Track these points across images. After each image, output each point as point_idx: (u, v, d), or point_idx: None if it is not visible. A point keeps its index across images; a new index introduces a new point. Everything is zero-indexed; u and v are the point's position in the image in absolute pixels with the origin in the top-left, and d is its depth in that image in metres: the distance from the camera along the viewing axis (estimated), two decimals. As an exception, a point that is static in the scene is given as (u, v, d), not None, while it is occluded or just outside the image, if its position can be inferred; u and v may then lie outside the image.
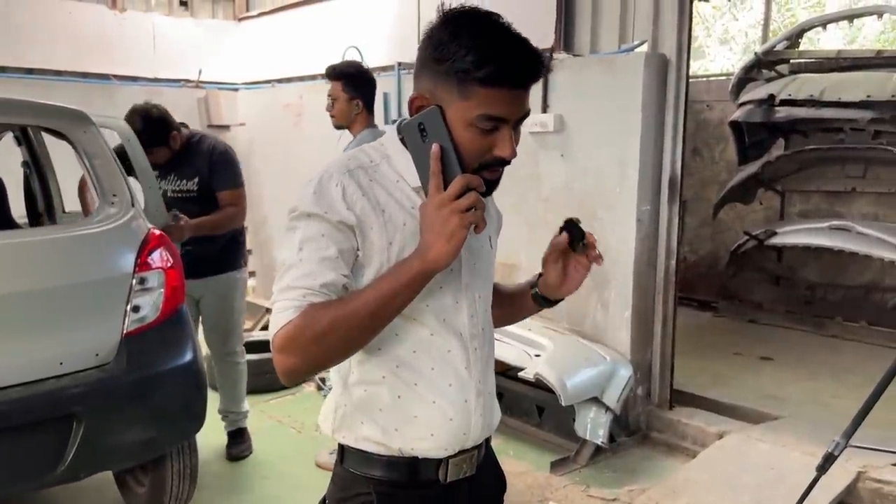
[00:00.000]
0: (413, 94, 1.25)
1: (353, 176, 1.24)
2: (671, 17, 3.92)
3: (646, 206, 4.00)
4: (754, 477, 3.41)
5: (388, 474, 1.32)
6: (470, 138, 1.20)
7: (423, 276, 1.18)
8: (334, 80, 3.35)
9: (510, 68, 1.17)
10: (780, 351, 5.63)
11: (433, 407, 1.30)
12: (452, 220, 1.14)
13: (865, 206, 6.43)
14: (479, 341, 1.35)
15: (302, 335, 1.15)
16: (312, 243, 1.20)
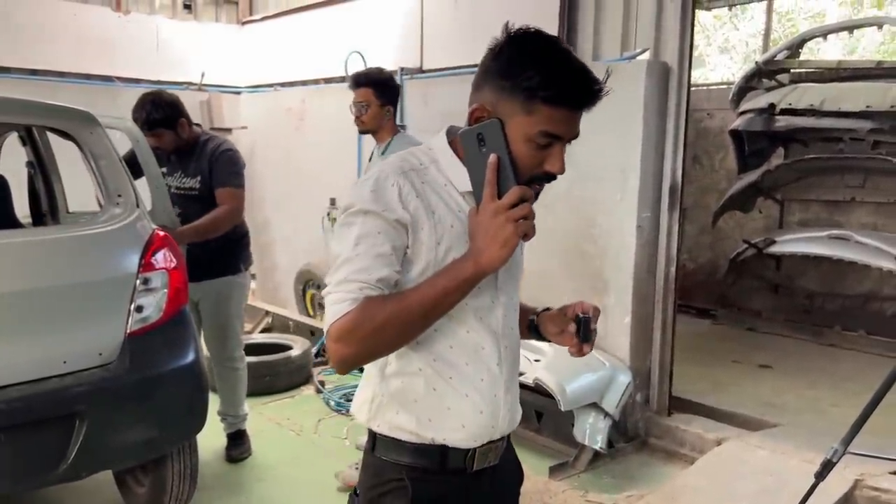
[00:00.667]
0: (474, 105, 1.31)
1: (408, 177, 1.32)
2: (673, 25, 3.94)
3: (646, 213, 4.02)
4: (752, 484, 3.42)
5: (419, 461, 1.40)
6: (526, 152, 1.28)
7: (476, 277, 1.26)
8: (365, 86, 3.35)
9: (574, 90, 1.26)
10: (779, 359, 5.65)
11: (466, 400, 1.38)
12: (508, 227, 1.22)
13: (865, 216, 6.46)
14: (508, 340, 1.44)
15: (360, 327, 1.23)
16: (369, 239, 1.27)
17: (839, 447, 2.55)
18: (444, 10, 5.23)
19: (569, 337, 1.47)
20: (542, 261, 4.19)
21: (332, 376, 5.12)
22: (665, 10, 4.00)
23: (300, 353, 5.03)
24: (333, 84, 6.15)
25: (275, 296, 6.86)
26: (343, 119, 5.86)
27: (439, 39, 5.29)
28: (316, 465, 3.85)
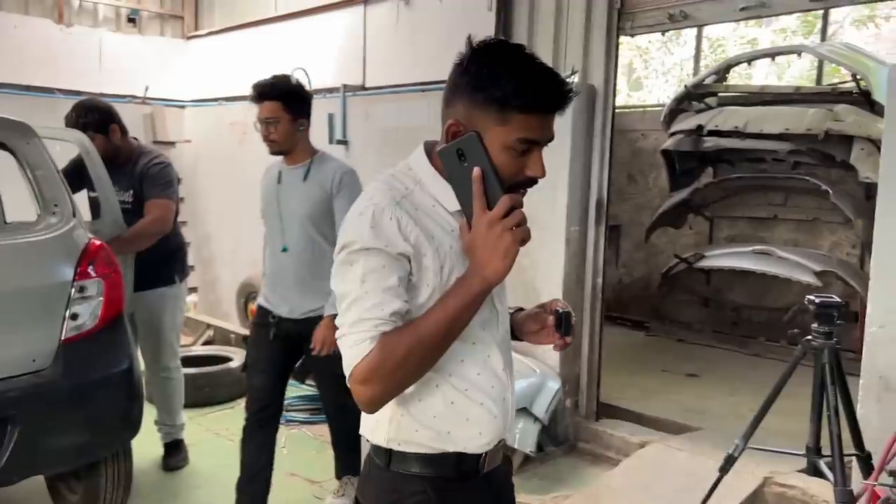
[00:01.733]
0: (449, 121, 1.32)
1: (403, 207, 1.31)
2: (599, 50, 4.17)
3: (575, 227, 4.22)
4: (671, 483, 3.61)
5: (436, 471, 1.42)
6: (507, 161, 1.30)
7: (484, 292, 1.29)
8: (272, 100, 2.99)
9: (546, 95, 1.29)
10: (706, 368, 5.91)
11: (481, 408, 1.41)
12: (506, 237, 1.24)
13: (787, 233, 6.82)
14: (506, 344, 1.49)
15: (383, 365, 1.24)
16: (374, 274, 1.27)
17: (740, 442, 2.78)
18: (385, 29, 5.38)
19: (548, 333, 1.52)
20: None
21: (273, 387, 5.17)
22: (592, 36, 4.22)
23: (240, 365, 5.06)
24: (277, 100, 6.22)
25: (217, 309, 6.88)
26: (286, 134, 5.97)
27: (381, 58, 5.44)
28: (253, 473, 3.91)
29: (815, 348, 2.64)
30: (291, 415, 4.67)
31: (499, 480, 1.53)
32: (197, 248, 7.13)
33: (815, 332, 2.66)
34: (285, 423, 4.57)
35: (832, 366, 2.58)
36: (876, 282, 3.15)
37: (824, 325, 2.62)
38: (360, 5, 5.56)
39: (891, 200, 3.08)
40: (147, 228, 3.53)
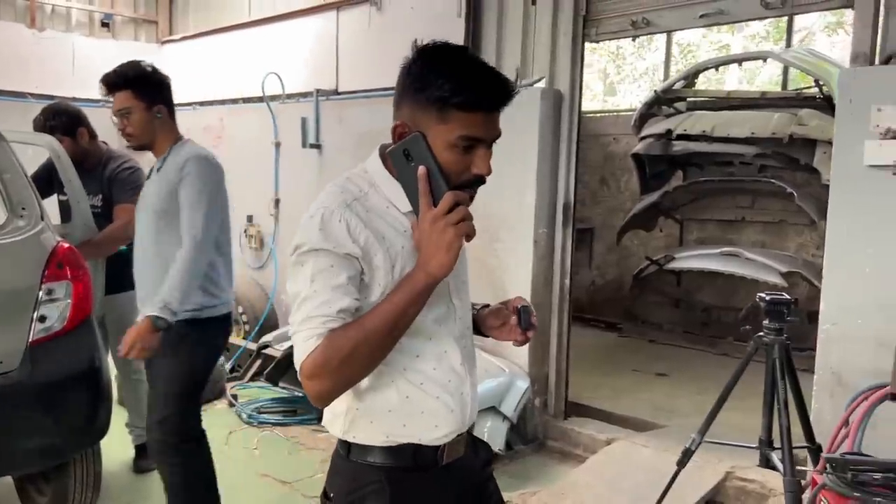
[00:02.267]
0: (395, 123, 1.37)
1: (353, 209, 1.35)
2: (565, 56, 4.26)
3: (542, 229, 4.30)
4: (635, 478, 3.69)
5: (394, 461, 1.45)
6: (451, 159, 1.33)
7: (429, 286, 1.32)
8: (123, 89, 2.77)
9: (484, 94, 1.33)
10: (675, 368, 6.02)
11: (437, 402, 1.45)
12: (448, 232, 1.27)
13: (754, 235, 6.95)
14: (466, 340, 1.52)
15: (330, 360, 1.28)
16: (323, 274, 1.32)
17: (696, 437, 2.86)
18: (358, 34, 5.44)
19: (510, 328, 1.55)
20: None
21: (245, 390, 5.21)
22: (558, 42, 4.30)
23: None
24: (251, 104, 6.27)
25: (192, 313, 6.87)
26: (261, 138, 6.04)
27: (354, 63, 5.50)
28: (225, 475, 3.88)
29: (766, 344, 2.73)
30: (264, 416, 4.71)
31: (463, 472, 1.55)
32: (171, 252, 7.14)
33: (766, 329, 2.74)
34: (258, 425, 4.61)
35: (782, 361, 2.67)
36: (828, 281, 3.27)
37: (775, 321, 2.70)
38: (332, 10, 5.62)
39: (842, 202, 3.19)
40: (116, 233, 3.54)
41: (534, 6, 4.33)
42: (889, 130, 2.99)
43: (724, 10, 3.67)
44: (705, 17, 3.75)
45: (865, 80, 3.12)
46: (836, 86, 5.30)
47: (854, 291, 3.15)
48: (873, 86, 3.06)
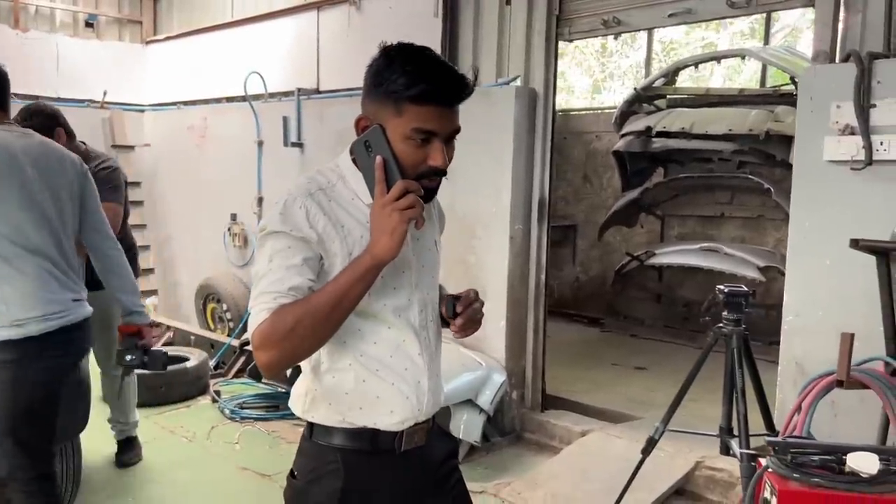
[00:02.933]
0: (358, 117, 1.45)
1: (315, 198, 1.43)
2: (539, 55, 4.33)
3: (518, 225, 4.37)
4: (607, 469, 3.77)
5: (352, 444, 1.53)
6: (407, 150, 1.40)
7: (374, 268, 1.38)
8: None
9: (436, 88, 1.38)
10: (655, 362, 6.10)
11: (392, 388, 1.51)
12: (394, 217, 1.34)
13: (734, 230, 7.04)
14: (427, 332, 1.57)
15: (275, 331, 1.34)
16: (280, 254, 1.40)
17: (660, 426, 2.94)
18: (338, 34, 5.51)
19: (454, 323, 1.58)
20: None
21: (228, 386, 5.27)
22: (533, 41, 4.38)
23: (196, 365, 5.15)
24: (234, 103, 6.33)
25: (178, 311, 6.94)
26: (244, 137, 6.10)
27: (334, 62, 5.57)
28: (206, 468, 4.01)
29: (725, 335, 2.81)
30: (246, 412, 4.77)
31: (423, 461, 1.61)
32: (158, 250, 7.20)
33: (725, 320, 2.82)
34: (240, 420, 4.68)
35: (740, 350, 2.75)
36: (791, 273, 3.35)
37: (733, 312, 2.79)
38: (313, 10, 5.69)
39: (803, 196, 3.28)
40: None
41: (508, 6, 4.41)
42: (847, 127, 3.07)
43: (691, 9, 3.75)
44: (674, 17, 3.83)
45: (825, 77, 3.20)
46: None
47: (816, 284, 3.23)
48: (833, 83, 3.14)
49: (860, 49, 3.11)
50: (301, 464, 1.59)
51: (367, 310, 1.48)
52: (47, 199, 2.52)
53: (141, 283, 6.65)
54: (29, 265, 2.45)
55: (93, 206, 2.77)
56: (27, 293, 2.44)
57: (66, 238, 2.61)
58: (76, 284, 2.64)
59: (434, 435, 1.66)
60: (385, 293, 1.50)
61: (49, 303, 2.48)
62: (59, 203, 2.57)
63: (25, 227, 2.45)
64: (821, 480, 1.84)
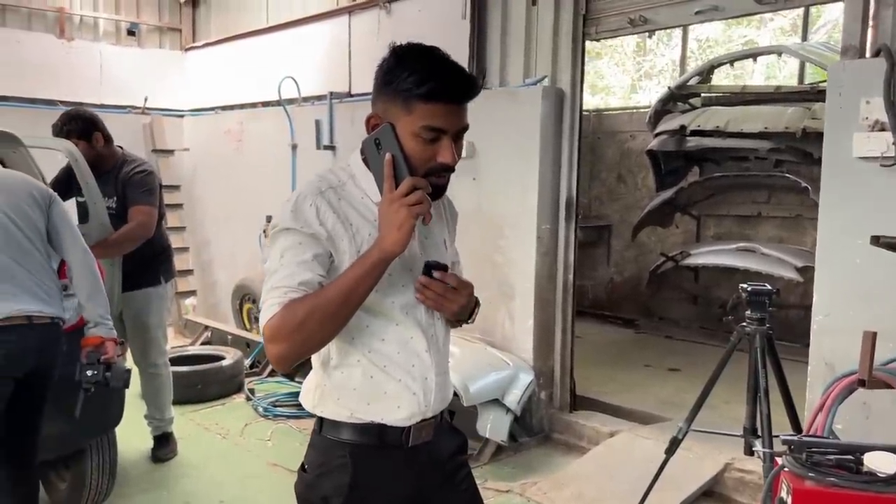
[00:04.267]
0: (368, 115, 1.49)
1: (325, 196, 1.46)
2: (566, 55, 4.33)
3: (545, 225, 4.37)
4: (634, 469, 3.74)
5: (360, 439, 1.55)
6: (416, 148, 1.43)
7: (382, 262, 1.40)
8: None
9: (445, 86, 1.41)
10: (688, 363, 6.02)
11: (400, 384, 1.53)
12: (402, 212, 1.37)
13: (771, 230, 6.92)
14: (435, 329, 1.59)
15: (286, 325, 1.38)
16: (291, 250, 1.43)
17: (683, 425, 2.91)
18: (368, 37, 5.58)
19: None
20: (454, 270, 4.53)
21: (263, 385, 5.37)
22: (560, 41, 4.38)
23: (231, 364, 5.26)
24: (270, 107, 6.45)
25: (216, 311, 7.08)
26: (278, 140, 6.20)
27: (365, 66, 5.63)
28: (238, 464, 4.10)
29: (749, 334, 2.77)
30: (279, 409, 4.85)
31: (430, 456, 1.62)
32: (196, 252, 7.36)
33: (748, 319, 2.79)
34: (273, 418, 4.77)
35: (763, 350, 2.71)
36: (820, 273, 3.30)
37: (756, 311, 2.75)
38: (344, 15, 5.77)
39: (832, 194, 3.23)
40: (131, 233, 3.71)
41: (535, 6, 4.41)
42: (877, 122, 3.01)
43: (718, 6, 3.71)
44: (701, 14, 3.79)
45: (855, 73, 3.14)
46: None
47: (845, 283, 3.18)
48: (862, 79, 3.09)
49: (890, 44, 3.05)
50: (311, 457, 1.61)
51: (376, 307, 1.50)
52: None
53: (180, 283, 6.91)
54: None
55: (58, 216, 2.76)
56: None
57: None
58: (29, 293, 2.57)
59: (442, 430, 1.67)
60: (393, 290, 1.52)
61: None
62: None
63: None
64: (837, 480, 1.81)
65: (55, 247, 2.73)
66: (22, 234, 2.58)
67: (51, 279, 2.67)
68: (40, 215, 2.67)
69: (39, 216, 2.67)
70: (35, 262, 2.60)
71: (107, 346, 2.74)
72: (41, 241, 2.66)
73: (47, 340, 2.60)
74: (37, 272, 2.60)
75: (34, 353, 2.56)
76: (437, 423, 1.64)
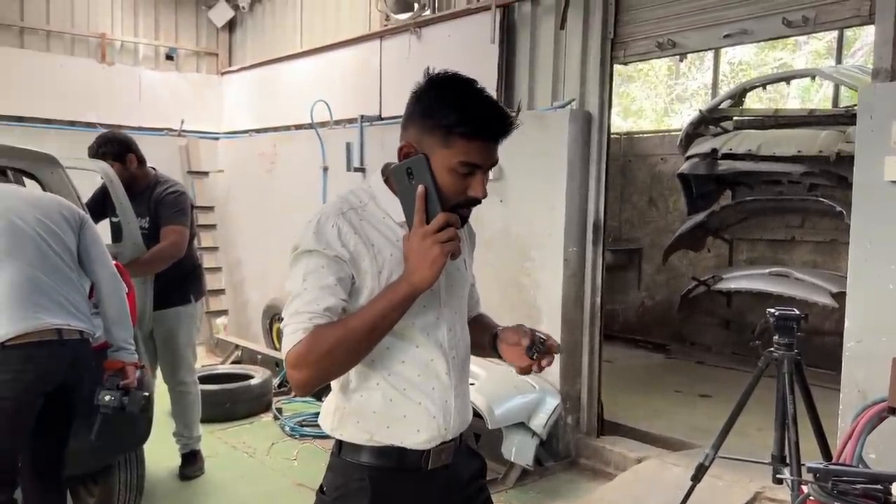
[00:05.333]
0: (402, 143, 1.49)
1: (346, 217, 1.48)
2: (594, 79, 4.34)
3: (572, 248, 4.36)
4: (661, 496, 3.68)
5: (379, 461, 1.55)
6: (450, 181, 1.45)
7: (411, 296, 1.43)
8: None
9: (486, 125, 1.45)
10: (720, 389, 5.92)
11: (419, 407, 1.53)
12: (434, 249, 1.39)
13: (805, 255, 6.81)
14: (456, 351, 1.59)
15: (312, 352, 1.39)
16: (314, 274, 1.44)
17: (710, 452, 2.87)
18: (399, 62, 5.66)
19: (520, 353, 1.59)
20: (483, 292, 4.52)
21: (290, 404, 5.40)
22: (588, 65, 4.39)
23: (260, 383, 5.30)
24: (302, 130, 6.55)
25: (247, 331, 7.16)
26: (310, 162, 6.30)
27: (395, 89, 5.70)
28: (264, 483, 4.13)
29: (776, 359, 2.73)
30: (306, 429, 4.87)
31: (449, 480, 1.63)
32: (229, 271, 7.47)
33: (776, 344, 2.75)
34: (299, 437, 4.79)
35: (791, 375, 2.67)
36: (852, 298, 3.24)
37: (784, 336, 2.71)
38: (376, 40, 5.86)
39: (864, 218, 3.17)
40: (163, 252, 3.79)
41: (563, 30, 4.43)
42: (910, 146, 2.97)
43: (747, 29, 3.70)
44: (729, 38, 3.78)
45: (886, 95, 3.11)
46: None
47: (878, 309, 3.12)
48: (894, 101, 3.05)
49: (923, 66, 3.01)
50: (330, 480, 1.62)
51: (397, 329, 1.50)
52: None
53: (212, 302, 7.00)
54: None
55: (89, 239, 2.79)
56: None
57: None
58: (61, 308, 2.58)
59: (461, 453, 1.67)
60: (413, 312, 1.51)
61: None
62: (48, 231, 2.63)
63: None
64: (863, 509, 1.77)
65: (85, 268, 2.76)
66: (52, 251, 2.62)
67: (80, 294, 2.70)
68: (72, 236, 2.72)
69: (71, 236, 2.72)
70: (64, 278, 2.64)
71: (128, 370, 2.76)
72: (72, 260, 2.70)
73: (77, 356, 2.62)
74: (66, 287, 2.63)
75: (64, 369, 2.58)
76: (457, 445, 1.64)
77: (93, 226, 2.84)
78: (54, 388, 2.56)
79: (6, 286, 2.48)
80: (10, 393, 2.44)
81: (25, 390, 2.47)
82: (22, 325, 2.46)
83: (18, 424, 2.49)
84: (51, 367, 2.54)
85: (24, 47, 6.72)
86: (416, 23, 5.47)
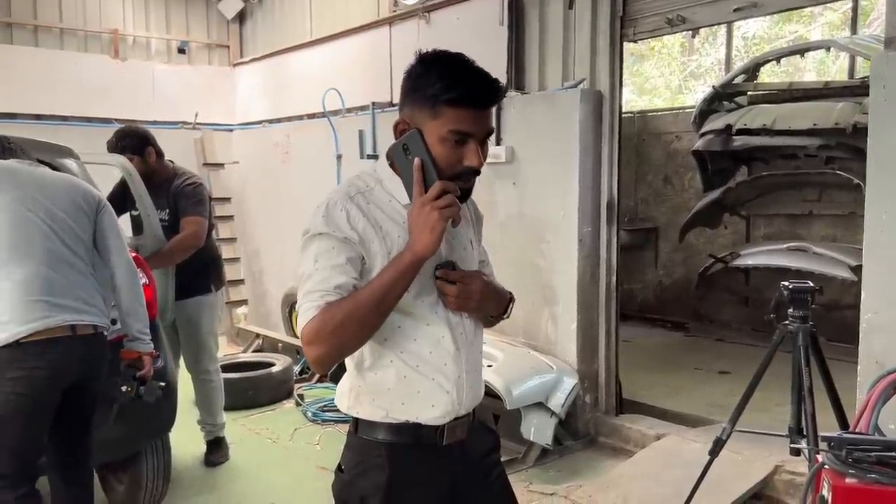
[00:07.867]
0: (396, 121, 1.55)
1: (355, 201, 1.52)
2: (604, 57, 4.32)
3: (587, 228, 4.36)
4: (680, 472, 3.69)
5: (396, 438, 1.59)
6: (443, 151, 1.48)
7: (415, 264, 1.46)
8: None
9: (472, 91, 1.47)
10: (739, 366, 5.90)
11: (433, 383, 1.57)
12: (433, 215, 1.43)
13: (824, 229, 6.75)
14: (464, 328, 1.62)
15: (324, 328, 1.43)
16: (325, 255, 1.48)
17: (727, 426, 2.88)
18: (408, 47, 5.65)
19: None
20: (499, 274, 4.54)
21: (312, 390, 5.47)
22: (598, 44, 4.37)
23: (281, 370, 5.37)
24: (315, 119, 6.58)
25: (267, 320, 7.24)
26: (324, 151, 6.33)
27: (406, 75, 5.71)
28: (287, 468, 4.20)
29: (791, 332, 2.73)
30: (328, 414, 4.93)
31: (464, 455, 1.67)
32: (247, 262, 7.55)
33: (791, 317, 2.75)
34: (321, 423, 4.86)
35: (807, 348, 2.67)
36: (868, 269, 3.23)
37: (799, 309, 2.71)
38: (385, 26, 5.87)
39: (878, 188, 3.16)
40: (183, 243, 3.85)
41: (571, 10, 4.42)
42: (923, 114, 2.94)
43: (756, 2, 3.66)
44: (739, 11, 3.75)
45: (899, 64, 3.07)
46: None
47: (894, 280, 3.10)
48: (907, 70, 3.02)
49: (936, 33, 2.98)
50: (347, 458, 1.66)
51: (406, 307, 1.54)
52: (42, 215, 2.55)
53: (232, 293, 7.08)
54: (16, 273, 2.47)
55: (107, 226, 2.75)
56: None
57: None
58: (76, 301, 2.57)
59: (475, 429, 1.71)
60: (422, 290, 1.56)
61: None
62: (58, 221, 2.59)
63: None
64: (878, 476, 1.78)
65: (101, 255, 2.71)
66: (62, 243, 2.56)
67: (94, 287, 2.65)
68: (87, 223, 2.66)
69: (86, 223, 2.65)
70: (76, 272, 2.59)
71: (143, 360, 2.77)
72: (84, 250, 2.64)
73: (91, 351, 2.60)
74: (78, 281, 2.58)
75: (78, 364, 2.57)
76: (470, 421, 1.68)
77: (111, 212, 2.77)
78: (71, 383, 2.57)
79: (18, 284, 2.47)
80: (26, 390, 2.44)
81: (41, 386, 2.48)
82: (35, 323, 2.44)
83: (36, 420, 2.50)
84: (65, 364, 2.53)
85: (38, 45, 6.80)
86: (425, 7, 5.47)
